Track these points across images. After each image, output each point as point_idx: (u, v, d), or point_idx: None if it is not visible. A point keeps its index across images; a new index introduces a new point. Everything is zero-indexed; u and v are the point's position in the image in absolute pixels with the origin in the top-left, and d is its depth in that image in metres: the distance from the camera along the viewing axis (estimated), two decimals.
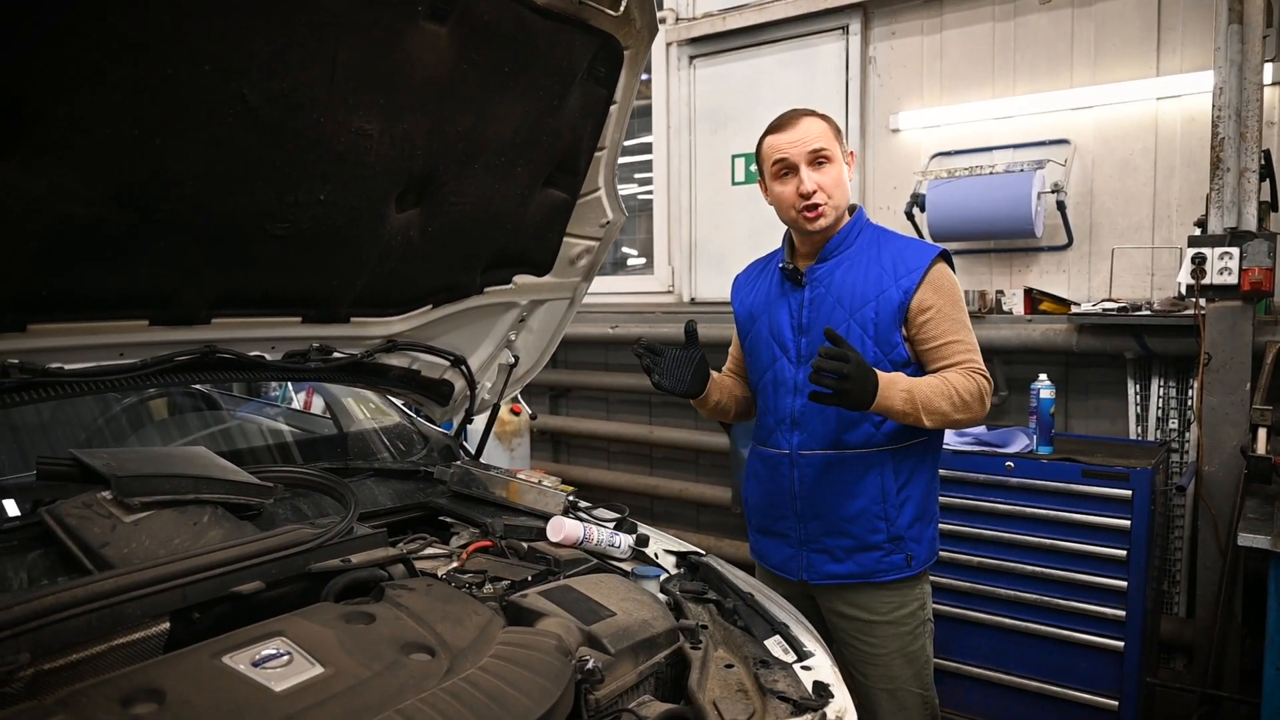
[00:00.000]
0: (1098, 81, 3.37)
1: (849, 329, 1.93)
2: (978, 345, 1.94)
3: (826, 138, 1.93)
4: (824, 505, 1.97)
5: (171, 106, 1.26)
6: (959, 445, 3.00)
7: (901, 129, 3.86)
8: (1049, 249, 3.51)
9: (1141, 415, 3.30)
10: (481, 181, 1.80)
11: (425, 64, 1.52)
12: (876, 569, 1.95)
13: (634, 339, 4.56)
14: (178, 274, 1.50)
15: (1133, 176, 3.34)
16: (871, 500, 1.94)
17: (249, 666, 1.17)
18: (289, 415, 2.64)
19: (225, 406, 2.55)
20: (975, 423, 1.92)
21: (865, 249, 1.97)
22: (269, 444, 2.24)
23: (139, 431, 2.26)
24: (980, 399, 1.87)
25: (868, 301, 1.92)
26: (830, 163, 1.93)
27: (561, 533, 1.82)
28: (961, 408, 1.85)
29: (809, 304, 1.99)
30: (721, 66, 4.47)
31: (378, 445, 2.34)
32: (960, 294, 1.96)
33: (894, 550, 1.95)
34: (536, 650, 1.34)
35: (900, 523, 1.94)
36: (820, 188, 1.91)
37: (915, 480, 1.96)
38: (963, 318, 1.94)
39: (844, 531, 1.96)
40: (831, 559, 1.99)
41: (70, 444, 2.09)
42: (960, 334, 1.92)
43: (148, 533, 1.45)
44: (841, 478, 1.95)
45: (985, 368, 1.92)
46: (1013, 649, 2.85)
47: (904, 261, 1.93)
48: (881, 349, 1.92)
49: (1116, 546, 2.66)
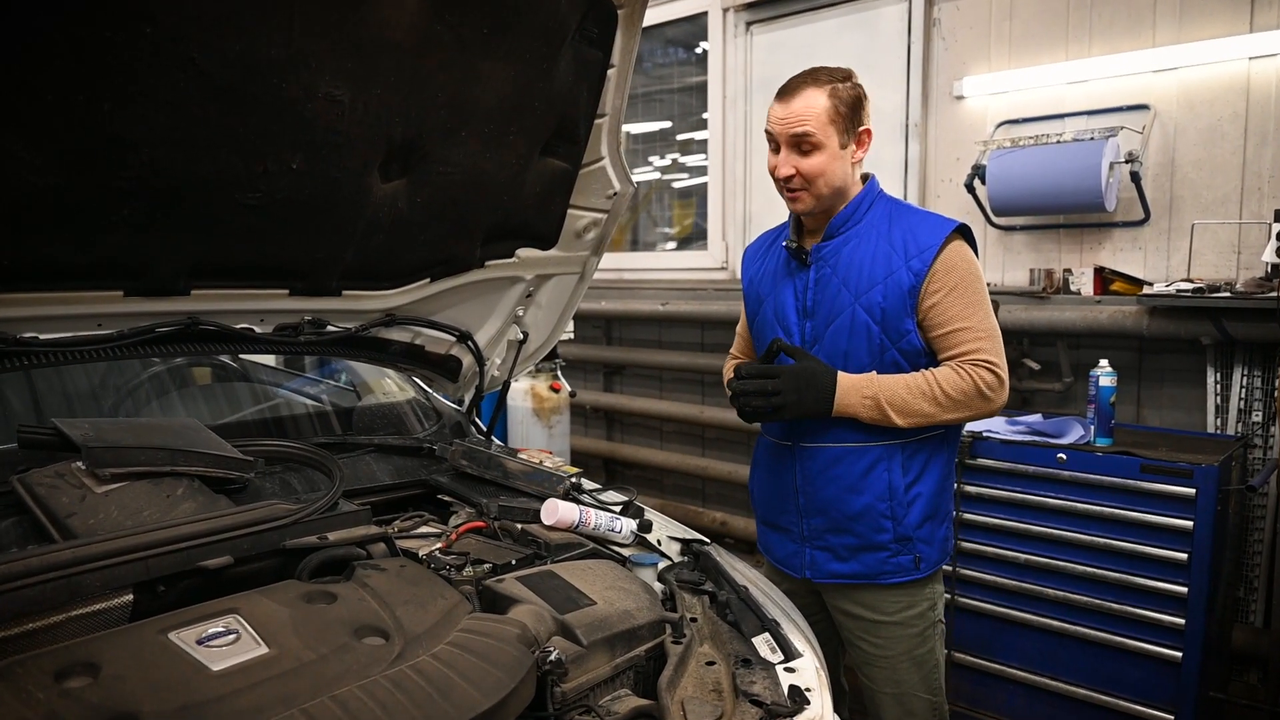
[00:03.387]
0: (1182, 40, 3.07)
1: (855, 314, 1.79)
2: (995, 333, 1.78)
3: (820, 120, 1.76)
4: (827, 501, 1.86)
5: (116, 71, 1.23)
6: (1009, 434, 2.81)
7: (966, 96, 3.61)
8: (1124, 224, 3.24)
9: (1221, 407, 3.02)
10: (471, 150, 1.73)
11: (396, 25, 1.46)
12: (882, 570, 1.83)
13: (685, 316, 4.52)
14: (148, 244, 1.48)
15: (1220, 144, 3.04)
16: (877, 497, 1.81)
17: (193, 644, 1.16)
18: (317, 388, 2.65)
19: (261, 379, 2.58)
20: (981, 418, 1.77)
21: (876, 224, 1.82)
22: (279, 416, 2.24)
23: (160, 400, 2.29)
24: (978, 395, 1.72)
25: (875, 284, 1.78)
26: (817, 149, 1.77)
27: (555, 515, 1.76)
28: (951, 407, 1.71)
29: (814, 285, 1.86)
30: (779, 33, 4.29)
31: (392, 420, 2.32)
32: (977, 274, 1.79)
33: (901, 551, 1.82)
34: (496, 639, 1.28)
35: (908, 522, 1.81)
36: (799, 172, 1.79)
37: (926, 476, 1.82)
38: (976, 300, 1.77)
39: (848, 529, 1.84)
40: (835, 557, 1.88)
41: (91, 412, 2.15)
42: (971, 319, 1.75)
43: (117, 504, 1.45)
44: (845, 472, 1.83)
45: (996, 359, 1.75)
46: (1061, 653, 2.67)
47: (915, 239, 1.77)
48: (889, 337, 1.78)
49: (1177, 549, 2.44)
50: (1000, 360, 1.76)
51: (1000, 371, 1.74)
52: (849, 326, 1.80)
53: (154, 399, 2.29)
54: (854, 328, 1.79)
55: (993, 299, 3.30)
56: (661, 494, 4.98)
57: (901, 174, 3.86)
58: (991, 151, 3.32)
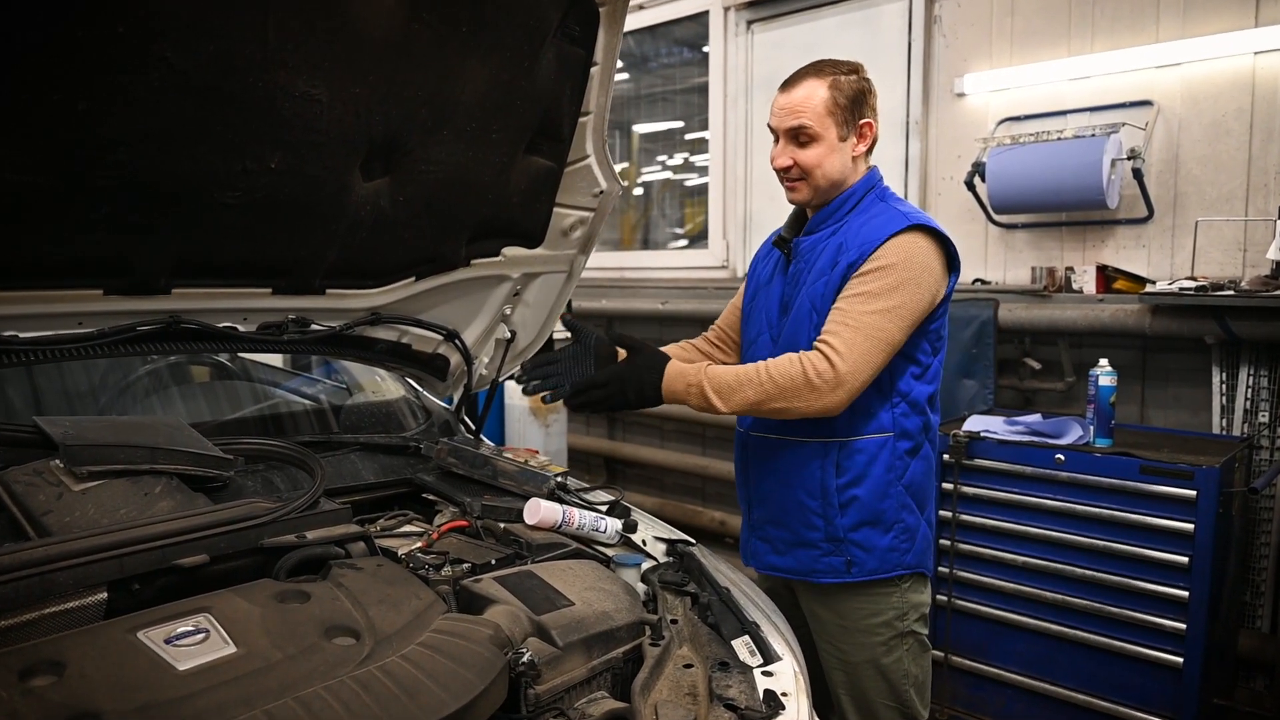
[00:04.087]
0: (1186, 35, 3.03)
1: (802, 306, 1.78)
2: (870, 329, 1.63)
3: (818, 113, 1.74)
4: (766, 492, 1.87)
5: (90, 69, 1.22)
6: (1006, 435, 2.78)
7: (967, 93, 3.58)
8: (1127, 222, 3.20)
9: (1227, 407, 2.97)
10: (453, 148, 1.72)
11: (373, 24, 1.45)
12: (814, 568, 1.81)
13: (685, 315, 4.50)
14: (126, 242, 1.48)
15: (1224, 141, 3.00)
16: (809, 494, 1.79)
17: (161, 643, 1.15)
18: (315, 387, 2.65)
19: (258, 378, 2.58)
20: (816, 413, 1.65)
21: (852, 219, 1.79)
22: (271, 414, 2.24)
23: (159, 395, 2.29)
24: (805, 384, 1.61)
25: (822, 275, 1.76)
26: (815, 141, 1.75)
27: (538, 515, 1.75)
28: (776, 394, 1.63)
29: (790, 280, 1.85)
30: (780, 31, 4.27)
31: (384, 418, 2.31)
32: (910, 269, 1.66)
33: (833, 551, 1.79)
34: (468, 640, 1.27)
35: (840, 524, 1.77)
36: (796, 163, 1.77)
37: (866, 481, 1.76)
38: (882, 290, 1.64)
39: (783, 523, 1.84)
40: (773, 550, 1.88)
41: (90, 410, 2.15)
42: (853, 305, 1.64)
43: (94, 502, 1.45)
44: (782, 465, 1.83)
45: (844, 350, 1.62)
46: (1060, 657, 2.63)
47: (866, 233, 1.72)
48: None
49: (1178, 552, 2.41)
50: (847, 352, 1.61)
51: (838, 363, 1.60)
52: (796, 319, 1.79)
53: (150, 396, 2.29)
54: (799, 320, 1.78)
55: (994, 297, 3.32)
56: (662, 493, 4.97)
57: (902, 172, 3.83)
58: (991, 149, 3.29)
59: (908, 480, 1.80)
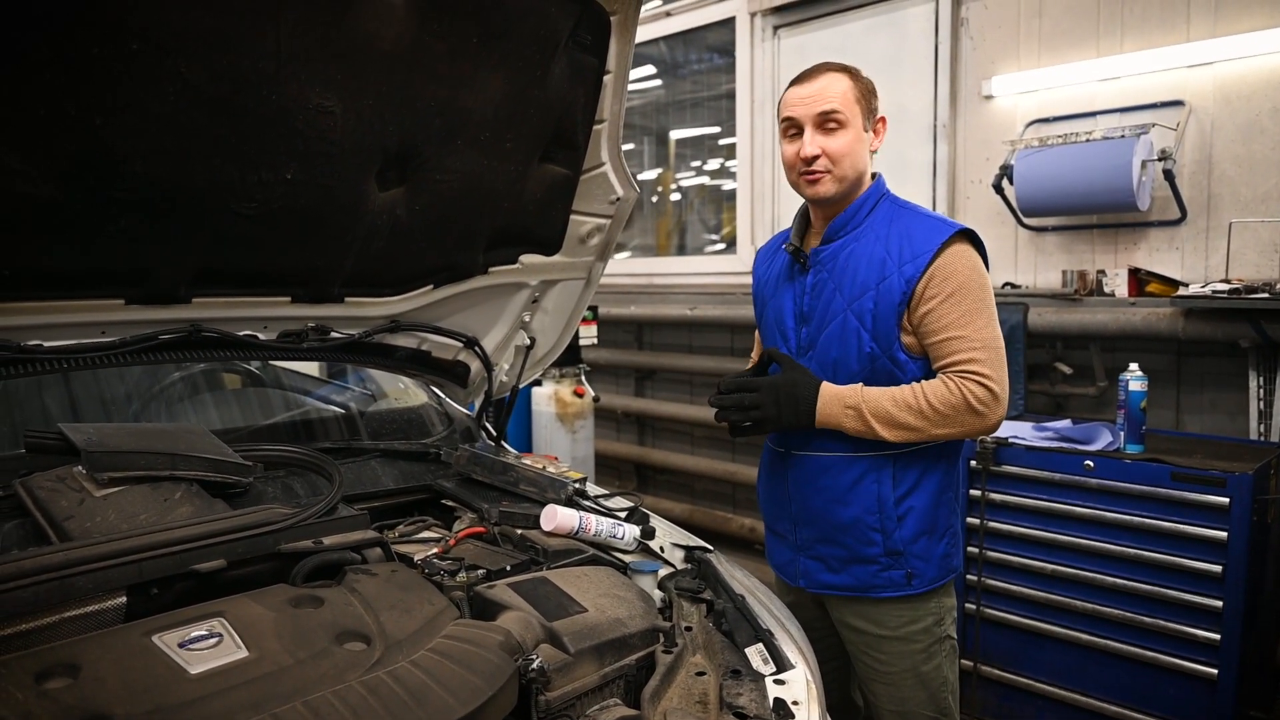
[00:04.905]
0: (1219, 33, 2.96)
1: (846, 320, 1.75)
2: (993, 344, 1.68)
3: (845, 99, 1.73)
4: (816, 511, 1.81)
5: (105, 85, 1.26)
6: (1035, 441, 2.73)
7: (995, 95, 3.54)
8: (1159, 224, 3.13)
9: (1265, 412, 2.89)
10: (468, 157, 1.74)
11: (384, 37, 1.47)
12: (873, 583, 1.77)
13: (713, 321, 4.49)
14: (147, 253, 1.51)
15: (1259, 140, 2.93)
16: (866, 510, 1.75)
17: (175, 647, 1.17)
18: (341, 393, 2.69)
19: (286, 385, 2.62)
20: (974, 435, 1.69)
21: (875, 227, 1.77)
22: (297, 421, 2.28)
23: (180, 405, 2.34)
24: (968, 410, 1.64)
25: (867, 290, 1.72)
26: (842, 128, 1.73)
27: (554, 521, 1.76)
28: (939, 421, 1.64)
29: (811, 290, 1.81)
30: (806, 36, 4.25)
31: (407, 424, 2.34)
32: (980, 279, 1.70)
33: (892, 565, 1.76)
34: (478, 646, 1.28)
35: (899, 536, 1.75)
36: (825, 153, 1.73)
37: (921, 490, 1.75)
38: (975, 307, 1.68)
39: (837, 541, 1.79)
40: (826, 568, 1.83)
41: (122, 416, 2.20)
42: (966, 328, 1.66)
43: (114, 507, 1.49)
44: (833, 483, 1.78)
45: (990, 372, 1.66)
46: (1091, 668, 2.58)
47: (911, 244, 1.71)
48: (880, 345, 1.72)
49: (1211, 560, 2.35)
50: (995, 373, 1.66)
51: (993, 385, 1.65)
52: (840, 333, 1.75)
53: (181, 403, 2.34)
54: (845, 335, 1.75)
55: (1023, 301, 3.27)
56: (692, 499, 4.96)
57: (930, 175, 3.79)
58: (1019, 151, 3.24)
59: (946, 485, 1.81)
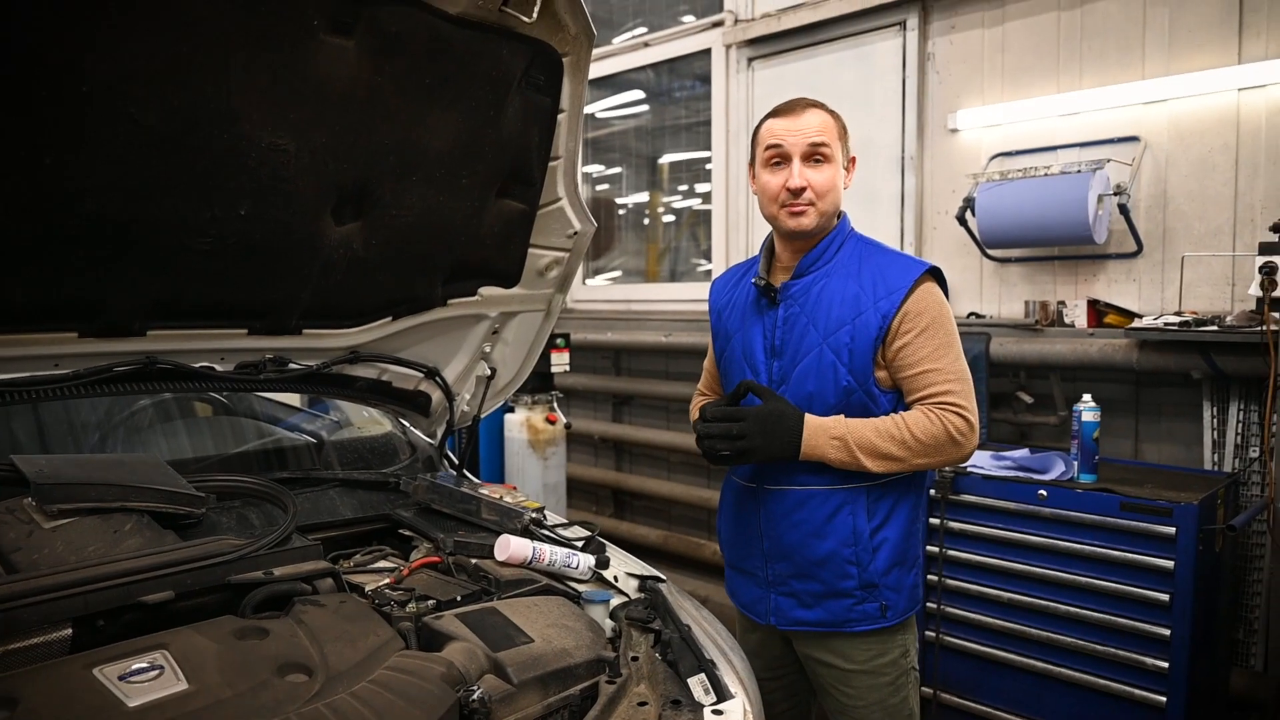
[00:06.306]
0: (1172, 72, 3.04)
1: (822, 354, 1.77)
2: (965, 376, 1.74)
3: (830, 133, 1.78)
4: (791, 546, 1.81)
5: (55, 126, 1.29)
6: (993, 469, 2.77)
7: (961, 129, 3.61)
8: (1117, 256, 3.20)
9: (1218, 442, 2.95)
10: (424, 193, 1.78)
11: (336, 78, 1.51)
12: (848, 618, 1.78)
13: (688, 348, 4.53)
14: (100, 287, 1.54)
15: (1211, 176, 3.00)
16: (842, 543, 1.77)
17: (115, 679, 1.18)
18: (312, 422, 2.69)
19: (256, 413, 2.62)
20: (949, 465, 1.73)
21: (846, 263, 1.80)
22: (254, 451, 2.29)
23: (146, 433, 2.35)
24: (949, 441, 1.68)
25: (844, 324, 1.75)
26: (828, 162, 1.77)
27: (507, 551, 1.78)
28: (921, 452, 1.68)
29: (783, 324, 1.83)
30: (779, 68, 4.33)
31: (365, 453, 2.35)
32: (948, 316, 1.76)
33: (867, 598, 1.77)
34: (419, 677, 1.30)
35: (874, 568, 1.77)
36: (811, 186, 1.76)
37: (893, 522, 1.78)
38: (947, 342, 1.73)
39: (812, 575, 1.80)
40: (800, 604, 1.83)
41: (91, 443, 2.20)
42: (941, 361, 1.71)
43: (63, 539, 1.50)
44: (809, 516, 1.79)
45: (967, 404, 1.71)
46: (1047, 695, 2.60)
47: (885, 280, 1.75)
48: (856, 378, 1.75)
49: (1159, 589, 2.38)
50: (971, 405, 1.72)
51: (971, 417, 1.70)
52: (816, 367, 1.78)
53: (147, 430, 2.33)
54: (821, 368, 1.77)
55: (987, 331, 3.32)
56: (667, 524, 4.97)
57: (898, 206, 3.85)
58: (981, 184, 3.31)
59: (915, 516, 1.84)
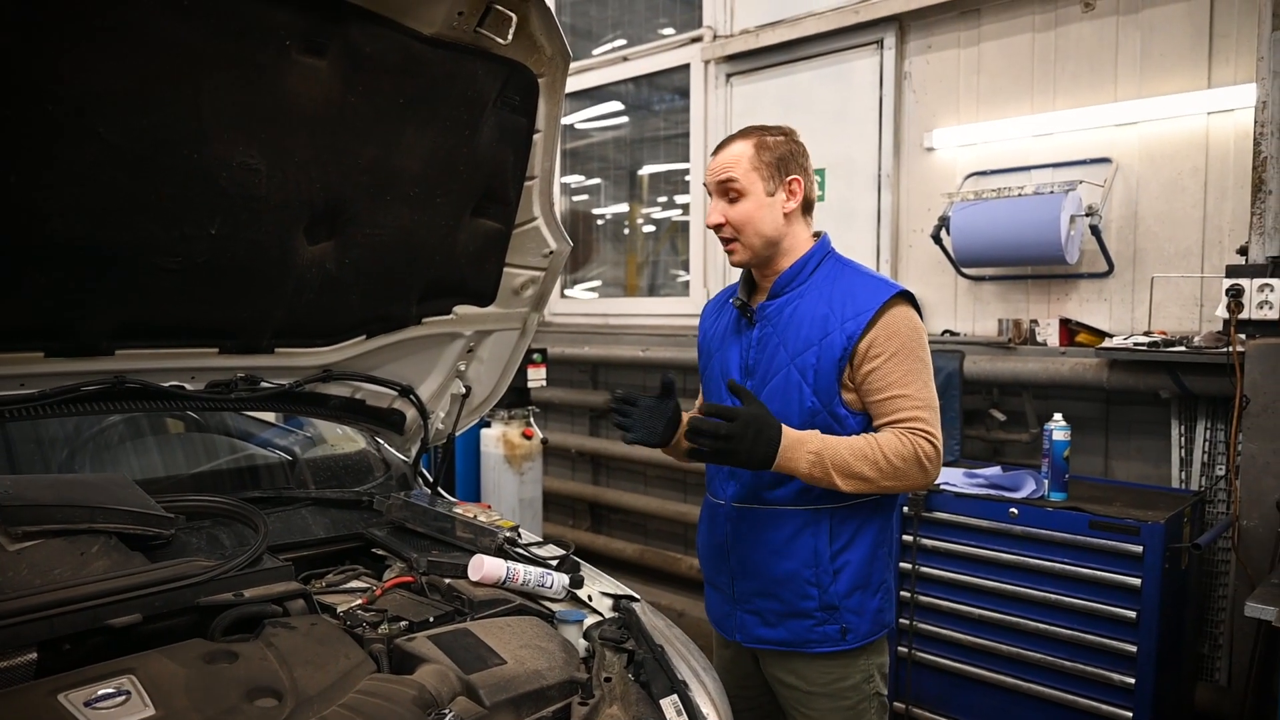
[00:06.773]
0: (1143, 95, 3.10)
1: (789, 375, 1.78)
2: (933, 403, 1.74)
3: (741, 168, 1.77)
4: (755, 564, 1.83)
5: (20, 146, 1.28)
6: (965, 487, 2.80)
7: (936, 148, 3.65)
8: (1089, 276, 3.24)
9: (1185, 460, 2.99)
10: (398, 213, 1.77)
11: (309, 98, 1.51)
12: (809, 638, 1.79)
13: (665, 362, 4.54)
14: (65, 307, 1.52)
15: (1180, 198, 3.05)
16: (802, 563, 1.77)
17: (81, 706, 1.17)
18: (286, 438, 2.67)
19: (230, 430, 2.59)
20: (915, 489, 1.73)
21: (819, 285, 1.81)
22: (227, 469, 2.27)
23: (116, 450, 2.32)
24: (918, 463, 1.68)
25: (810, 345, 1.76)
26: (742, 197, 1.77)
27: (481, 571, 1.77)
28: (891, 474, 1.67)
29: (756, 344, 1.84)
30: (758, 84, 4.36)
31: (339, 471, 2.34)
32: (920, 340, 1.76)
33: (827, 620, 1.78)
34: (389, 701, 1.29)
35: (834, 590, 1.77)
36: (727, 221, 1.79)
37: (856, 545, 1.79)
38: (916, 368, 1.73)
39: (773, 594, 1.81)
40: (763, 622, 1.84)
41: (60, 460, 2.17)
42: (909, 387, 1.72)
43: (28, 562, 1.47)
44: (772, 535, 1.80)
45: (934, 430, 1.71)
46: (1015, 710, 2.63)
47: (853, 302, 1.75)
48: (821, 399, 1.76)
49: (1126, 606, 2.42)
50: (938, 432, 1.72)
51: (938, 444, 1.71)
52: (783, 387, 1.79)
53: (119, 446, 2.30)
54: (788, 389, 1.78)
55: (961, 348, 3.35)
56: (644, 539, 4.97)
57: (875, 223, 3.89)
58: (955, 203, 3.34)
59: (881, 540, 1.83)
